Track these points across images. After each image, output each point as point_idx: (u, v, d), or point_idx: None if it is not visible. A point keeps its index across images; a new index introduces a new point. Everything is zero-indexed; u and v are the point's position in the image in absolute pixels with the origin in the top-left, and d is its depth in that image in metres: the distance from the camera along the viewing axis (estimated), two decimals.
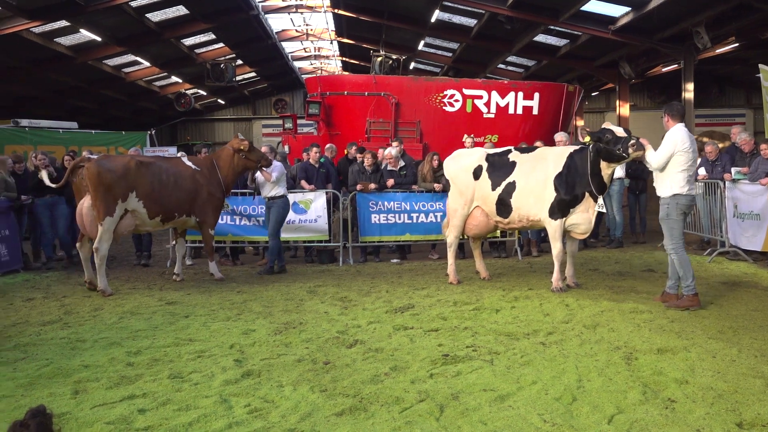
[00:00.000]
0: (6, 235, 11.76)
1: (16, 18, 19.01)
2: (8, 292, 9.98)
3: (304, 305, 8.53)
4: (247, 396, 5.10)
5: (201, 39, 26.70)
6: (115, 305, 8.82)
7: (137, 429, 4.49)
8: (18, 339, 7.03)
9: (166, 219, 10.16)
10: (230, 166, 10.65)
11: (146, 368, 5.87)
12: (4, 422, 4.49)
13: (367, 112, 17.63)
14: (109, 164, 9.63)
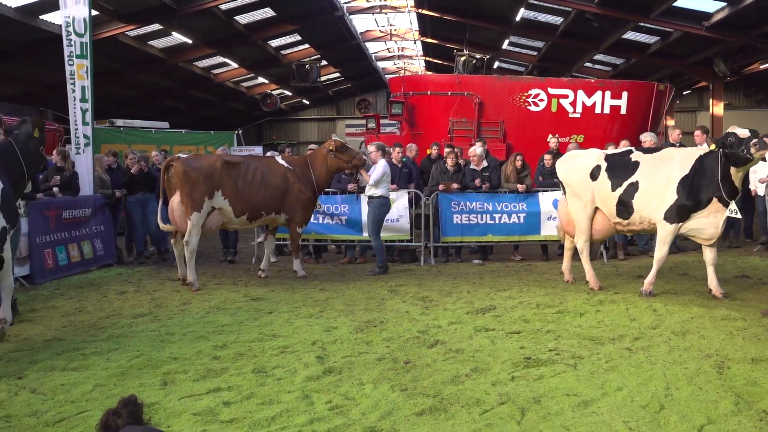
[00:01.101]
0: (101, 231, 12.27)
1: (113, 22, 19.83)
2: (103, 285, 10.41)
3: (386, 304, 8.56)
4: (329, 393, 5.15)
5: (287, 40, 27.18)
6: (203, 300, 9.07)
7: (222, 421, 4.60)
8: (111, 330, 7.33)
9: (253, 217, 10.39)
10: (324, 165, 10.79)
11: (231, 362, 6.01)
12: (98, 410, 4.68)
13: (450, 111, 17.55)
14: (195, 163, 9.99)
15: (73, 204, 11.49)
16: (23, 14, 17.97)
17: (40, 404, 4.96)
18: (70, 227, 11.34)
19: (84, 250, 11.67)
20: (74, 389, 5.28)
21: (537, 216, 12.34)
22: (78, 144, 12.50)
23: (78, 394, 5.17)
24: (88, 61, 12.46)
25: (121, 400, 2.71)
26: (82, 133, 12.54)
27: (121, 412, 2.65)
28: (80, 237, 11.63)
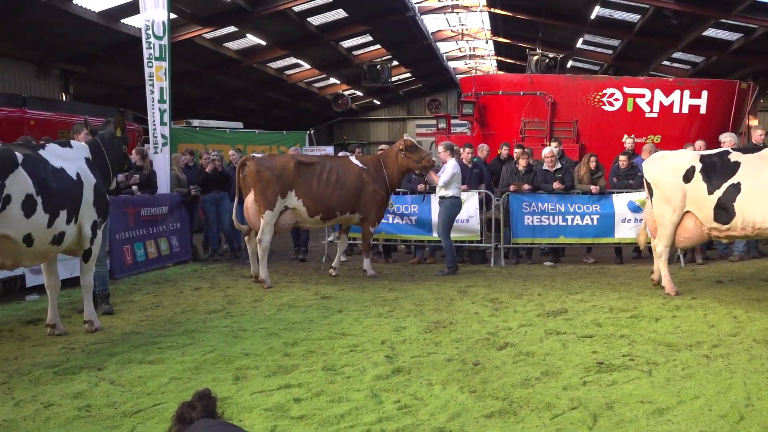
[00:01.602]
0: (178, 228, 12.61)
1: (190, 25, 20.35)
2: (178, 282, 10.68)
3: (455, 305, 8.52)
4: (397, 392, 5.15)
5: (359, 41, 27.35)
6: (274, 297, 9.21)
7: (292, 417, 4.66)
8: (186, 325, 7.51)
9: (327, 217, 10.52)
10: (395, 164, 10.85)
11: (302, 359, 6.08)
12: (173, 402, 4.80)
13: (522, 111, 17.32)
14: (268, 162, 10.19)
15: (151, 202, 11.84)
16: (105, 18, 18.62)
17: (118, 395, 5.12)
18: (147, 224, 11.68)
19: (161, 247, 12.01)
20: (151, 382, 5.43)
21: (611, 218, 12.07)
22: (156, 143, 12.87)
23: (154, 387, 5.31)
24: (167, 63, 12.81)
25: (196, 394, 2.76)
26: (160, 133, 12.90)
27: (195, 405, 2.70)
28: (157, 234, 11.98)
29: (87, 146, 7.34)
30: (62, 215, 6.63)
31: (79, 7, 17.52)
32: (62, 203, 6.63)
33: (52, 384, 5.43)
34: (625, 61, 28.21)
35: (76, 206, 6.86)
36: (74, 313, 8.16)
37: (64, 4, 16.81)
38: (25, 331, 7.39)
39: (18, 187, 6.13)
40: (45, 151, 6.76)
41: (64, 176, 6.74)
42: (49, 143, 7.09)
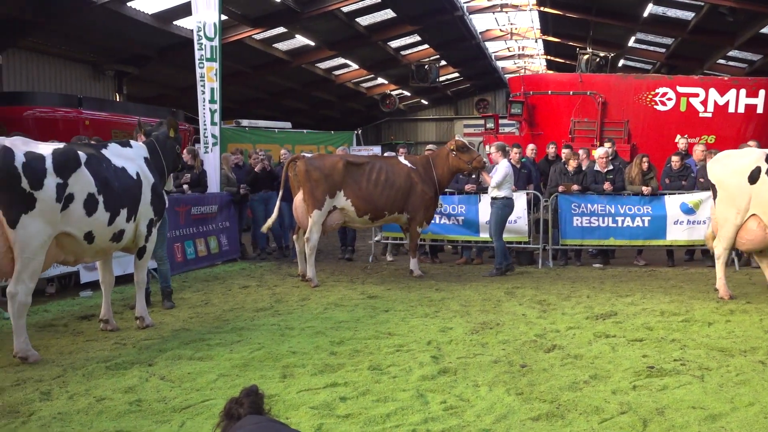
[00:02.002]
0: (227, 227, 12.79)
1: (241, 26, 20.62)
2: (227, 279, 10.83)
3: (502, 306, 8.46)
4: (443, 393, 5.14)
5: (407, 41, 27.35)
6: (321, 296, 9.27)
7: (338, 416, 4.67)
8: (234, 323, 7.61)
9: (376, 217, 10.56)
10: (446, 165, 10.84)
11: (348, 358, 6.10)
12: (221, 398, 4.86)
13: (572, 111, 17.11)
14: (317, 163, 10.27)
15: (202, 201, 12.02)
16: (158, 20, 18.98)
17: (168, 390, 5.21)
18: (198, 223, 11.87)
19: (210, 245, 12.19)
20: (199, 378, 5.52)
21: (663, 220, 11.83)
22: (206, 143, 13.06)
23: (203, 383, 5.39)
24: (217, 64, 12.99)
25: (244, 390, 2.79)
26: (210, 132, 13.09)
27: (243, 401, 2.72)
28: (207, 232, 12.16)
29: (146, 146, 7.54)
30: (123, 213, 6.83)
31: (133, 10, 17.90)
32: (123, 202, 6.83)
33: (104, 378, 5.56)
34: (678, 60, 27.61)
35: (136, 205, 7.06)
36: (126, 310, 8.34)
37: (118, 6, 17.19)
38: (79, 327, 7.58)
39: (80, 185, 6.32)
40: (107, 150, 6.99)
41: (125, 175, 6.95)
42: (111, 143, 7.30)
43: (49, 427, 4.50)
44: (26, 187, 5.89)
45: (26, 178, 5.89)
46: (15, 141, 6.12)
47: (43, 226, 6.00)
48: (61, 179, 6.13)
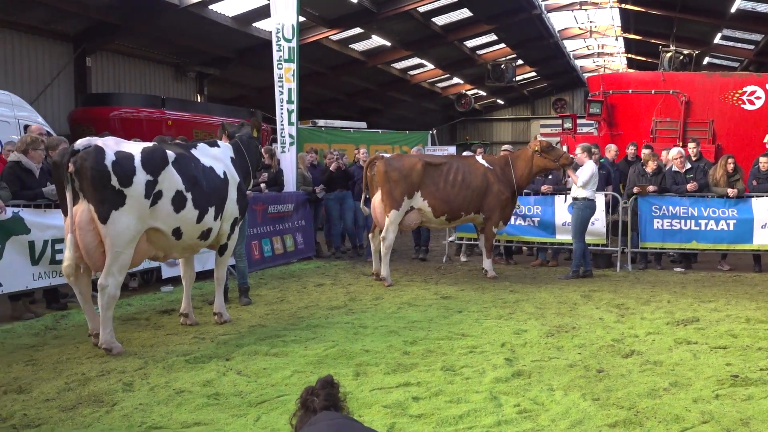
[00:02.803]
0: (302, 225, 12.97)
1: (318, 27, 20.89)
2: (302, 277, 10.98)
3: (578, 309, 8.30)
4: (517, 396, 5.07)
5: (483, 40, 27.19)
6: (394, 296, 9.29)
7: (411, 416, 4.67)
8: (309, 320, 7.70)
9: (452, 218, 10.56)
10: (527, 166, 10.70)
11: (421, 358, 6.10)
12: (295, 395, 4.90)
13: (653, 111, 16.65)
14: (396, 163, 10.35)
15: (278, 199, 12.21)
16: (239, 23, 19.42)
17: (245, 385, 5.31)
18: (274, 221, 12.07)
19: (286, 243, 12.38)
20: (275, 373, 5.61)
21: (749, 223, 11.38)
22: (283, 143, 13.27)
23: (278, 379, 5.48)
24: (295, 65, 13.18)
25: (320, 381, 2.80)
26: (287, 132, 13.30)
27: (319, 392, 2.74)
28: (283, 231, 12.36)
29: (232, 146, 7.75)
30: (210, 212, 7.04)
31: (215, 12, 18.37)
32: (211, 200, 7.04)
33: (184, 371, 5.71)
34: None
35: (222, 203, 7.27)
36: (205, 305, 8.55)
37: (201, 9, 17.67)
38: (160, 320, 7.81)
39: (168, 183, 6.55)
40: (197, 150, 7.23)
41: (213, 175, 7.17)
42: (200, 143, 7.54)
43: (131, 417, 4.65)
44: (116, 184, 6.14)
45: (116, 176, 6.13)
46: (107, 141, 6.39)
47: (132, 221, 6.24)
48: (150, 177, 6.36)
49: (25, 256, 7.82)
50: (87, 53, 18.33)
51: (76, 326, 7.48)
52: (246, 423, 4.55)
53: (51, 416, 4.67)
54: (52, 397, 5.05)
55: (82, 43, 18.09)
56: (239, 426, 4.49)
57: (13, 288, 7.73)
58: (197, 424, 4.54)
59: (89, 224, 6.18)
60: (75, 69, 18.29)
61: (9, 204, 7.66)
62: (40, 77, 17.29)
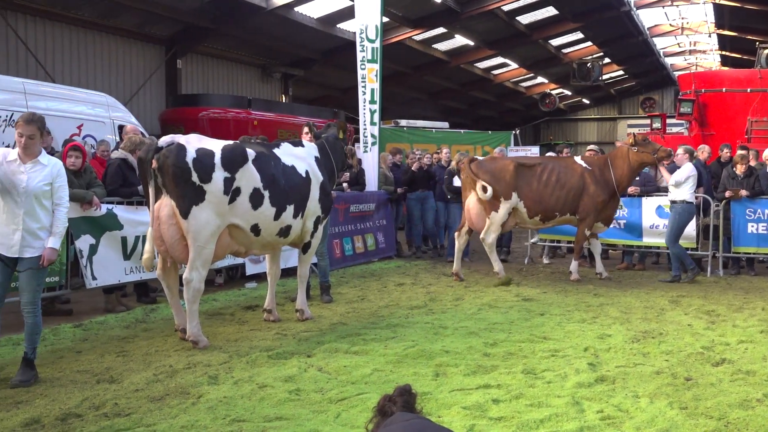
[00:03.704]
0: (383, 225, 13.03)
1: (401, 27, 20.96)
2: (383, 276, 11.03)
3: (665, 315, 8.04)
4: (600, 402, 4.95)
5: (568, 39, 26.70)
6: (475, 297, 9.23)
7: (491, 418, 4.63)
8: (389, 319, 7.73)
9: (547, 218, 10.47)
10: (625, 163, 10.41)
11: (501, 360, 6.03)
12: (375, 393, 4.95)
13: (749, 110, 15.98)
14: (489, 165, 10.39)
15: (360, 199, 12.31)
16: (323, 24, 19.68)
17: (325, 382, 5.37)
18: (356, 220, 12.17)
19: (367, 242, 12.46)
20: (355, 371, 5.65)
21: None
22: (366, 143, 13.36)
23: (358, 376, 5.52)
24: (378, 65, 13.26)
25: (397, 389, 2.82)
26: (369, 132, 13.38)
27: (396, 399, 2.76)
28: (364, 230, 12.44)
29: (317, 146, 7.87)
30: (289, 210, 7.16)
31: (300, 14, 18.68)
32: (290, 198, 7.16)
33: (266, 367, 5.82)
34: None
35: (304, 202, 7.38)
36: (287, 302, 8.70)
37: (287, 11, 18.01)
38: (244, 316, 7.99)
39: (246, 180, 6.70)
40: (279, 149, 7.37)
41: (293, 173, 7.29)
42: (284, 142, 7.70)
43: (215, 409, 4.77)
44: (196, 180, 6.33)
45: (196, 173, 6.33)
46: (190, 138, 6.61)
47: (212, 216, 6.42)
48: (228, 173, 6.52)
49: (117, 251, 8.15)
50: (178, 55, 18.95)
51: (164, 320, 7.74)
52: (326, 419, 4.61)
53: (140, 406, 4.84)
54: (141, 388, 5.23)
55: (173, 46, 18.71)
56: (319, 422, 4.55)
57: (106, 282, 8.07)
58: (279, 418, 4.62)
59: (171, 218, 6.41)
60: (166, 71, 18.94)
61: (103, 201, 8.00)
62: (133, 79, 17.97)
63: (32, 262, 5.37)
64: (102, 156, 9.67)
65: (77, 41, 16.47)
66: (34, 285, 5.43)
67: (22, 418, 4.58)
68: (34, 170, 5.38)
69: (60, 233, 5.54)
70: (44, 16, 15.55)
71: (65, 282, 7.86)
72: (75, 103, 12.00)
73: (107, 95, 13.19)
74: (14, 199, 5.29)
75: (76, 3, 15.68)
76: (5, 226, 5.32)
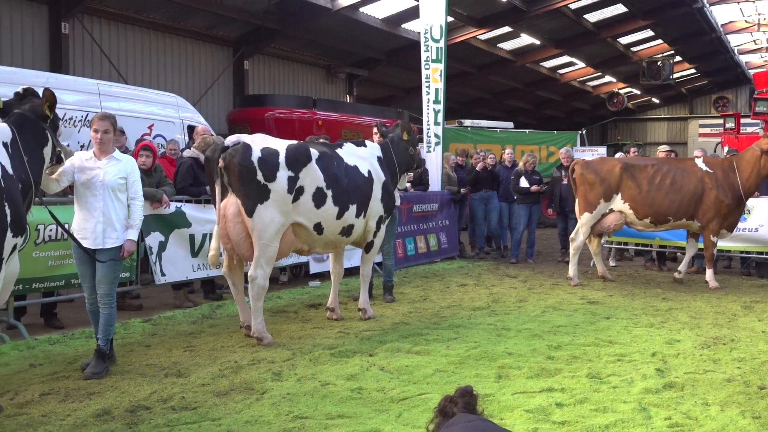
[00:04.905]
0: (446, 225, 12.99)
1: (466, 27, 20.86)
2: (445, 277, 10.99)
3: (738, 321, 7.78)
4: (668, 408, 4.82)
5: (638, 37, 26.13)
6: (539, 299, 9.11)
7: (554, 422, 4.55)
8: (451, 320, 7.70)
9: (658, 222, 10.13)
10: (754, 169, 9.86)
11: (565, 364, 5.94)
12: (437, 393, 4.93)
13: None
14: (594, 166, 10.32)
15: (423, 199, 12.29)
16: (388, 24, 19.73)
17: (387, 381, 5.38)
18: (419, 220, 12.16)
19: (430, 243, 12.45)
20: (417, 371, 5.64)
21: None
22: (429, 143, 13.34)
23: (420, 377, 5.51)
24: (442, 65, 13.23)
25: (459, 390, 2.81)
26: (433, 132, 13.36)
27: (457, 401, 2.75)
28: (427, 230, 12.43)
29: (379, 146, 7.91)
30: (352, 209, 7.22)
31: (365, 15, 18.78)
32: (352, 198, 7.22)
33: (329, 364, 5.87)
34: None
35: (366, 201, 7.43)
36: (350, 301, 8.75)
37: (352, 12, 18.12)
38: (307, 314, 8.08)
39: (310, 180, 6.79)
40: (342, 149, 7.46)
41: (356, 173, 7.36)
42: (347, 142, 7.79)
43: (279, 405, 4.83)
44: (261, 179, 6.45)
45: (261, 172, 6.45)
46: (255, 138, 6.74)
47: (276, 215, 6.53)
48: (292, 173, 6.62)
49: (185, 248, 8.35)
50: (245, 57, 19.27)
51: (229, 316, 7.88)
52: (388, 418, 4.61)
53: (206, 400, 4.94)
54: (207, 382, 5.34)
55: (241, 48, 19.03)
56: (381, 421, 4.56)
57: (174, 278, 8.27)
58: (341, 416, 4.65)
59: (237, 217, 6.54)
60: (234, 72, 19.28)
61: (172, 199, 8.20)
62: (202, 80, 18.35)
63: (112, 253, 5.63)
64: (171, 155, 9.92)
65: (149, 43, 16.92)
66: (111, 277, 5.68)
67: (94, 409, 4.73)
68: (109, 165, 5.64)
69: (137, 226, 5.82)
70: (118, 19, 16.03)
71: (135, 278, 8.11)
72: (146, 103, 12.35)
73: (177, 96, 13.52)
74: (93, 194, 5.56)
75: (149, 6, 16.10)
76: (85, 221, 5.60)
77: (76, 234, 5.59)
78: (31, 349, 6.34)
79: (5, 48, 13.74)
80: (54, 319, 7.46)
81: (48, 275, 7.11)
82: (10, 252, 4.62)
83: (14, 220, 4.51)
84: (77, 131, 10.66)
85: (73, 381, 5.40)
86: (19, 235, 4.63)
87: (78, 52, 15.23)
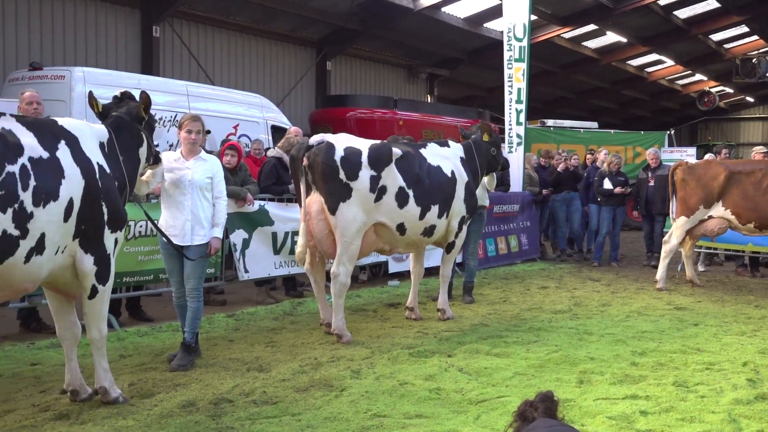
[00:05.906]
0: (527, 226, 12.82)
1: (550, 25, 20.54)
2: (526, 279, 10.85)
3: None
4: (761, 421, 4.62)
5: (731, 33, 25.15)
6: (622, 303, 8.89)
7: (638, 430, 4.42)
8: (532, 323, 7.59)
9: (763, 227, 9.72)
10: None
11: (650, 371, 5.77)
12: (516, 396, 4.88)
13: None
14: (697, 171, 10.00)
15: (504, 199, 12.15)
16: (470, 23, 19.62)
17: (465, 382, 5.35)
18: (499, 221, 12.04)
19: (510, 244, 12.31)
20: (496, 374, 5.59)
21: None
22: (511, 143, 13.19)
23: (499, 379, 5.46)
24: (525, 65, 13.05)
25: (539, 394, 2.78)
26: (515, 132, 13.20)
27: (537, 405, 2.72)
28: (508, 231, 12.29)
29: (462, 147, 7.89)
30: (434, 209, 7.23)
31: (447, 14, 18.72)
32: (435, 198, 7.23)
33: (407, 364, 5.88)
34: None
35: (448, 202, 7.42)
36: (429, 301, 8.74)
37: (434, 12, 18.10)
38: (386, 313, 8.12)
39: (392, 179, 6.84)
40: (425, 149, 7.49)
41: (439, 173, 7.36)
42: (431, 142, 7.81)
43: (357, 403, 4.87)
44: (343, 178, 6.54)
45: (343, 170, 6.54)
46: (339, 137, 6.84)
47: (358, 213, 6.60)
48: (374, 172, 6.67)
49: (268, 246, 8.52)
50: (327, 57, 19.50)
51: (310, 313, 7.99)
52: (466, 420, 4.58)
53: (286, 396, 5.02)
54: (287, 378, 5.43)
55: (323, 48, 19.27)
56: (459, 422, 4.53)
57: (257, 275, 8.45)
58: (419, 416, 4.65)
59: (320, 214, 6.65)
60: (316, 72, 19.53)
61: (256, 198, 8.37)
62: (286, 81, 18.67)
63: (200, 250, 5.82)
64: (255, 154, 10.13)
65: (235, 45, 17.31)
66: (199, 272, 5.89)
67: (180, 400, 4.88)
68: (197, 165, 5.83)
69: (222, 224, 6.02)
70: (205, 22, 16.47)
71: (220, 274, 8.33)
72: (232, 104, 12.65)
73: (261, 96, 13.80)
74: (182, 192, 5.76)
75: (235, 9, 16.48)
76: (174, 219, 5.81)
77: (165, 231, 5.77)
78: (121, 341, 6.60)
79: (101, 51, 14.32)
80: (140, 312, 7.74)
81: (138, 269, 7.37)
82: (113, 247, 4.80)
83: (111, 218, 4.69)
84: (166, 131, 11.01)
85: (160, 372, 5.59)
86: (118, 230, 4.81)
87: (168, 55, 15.73)
